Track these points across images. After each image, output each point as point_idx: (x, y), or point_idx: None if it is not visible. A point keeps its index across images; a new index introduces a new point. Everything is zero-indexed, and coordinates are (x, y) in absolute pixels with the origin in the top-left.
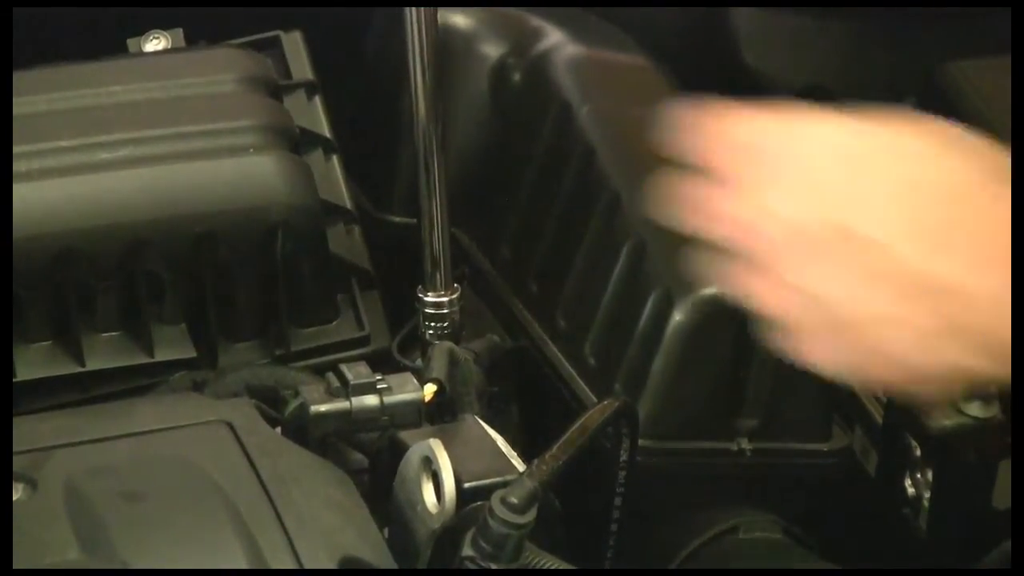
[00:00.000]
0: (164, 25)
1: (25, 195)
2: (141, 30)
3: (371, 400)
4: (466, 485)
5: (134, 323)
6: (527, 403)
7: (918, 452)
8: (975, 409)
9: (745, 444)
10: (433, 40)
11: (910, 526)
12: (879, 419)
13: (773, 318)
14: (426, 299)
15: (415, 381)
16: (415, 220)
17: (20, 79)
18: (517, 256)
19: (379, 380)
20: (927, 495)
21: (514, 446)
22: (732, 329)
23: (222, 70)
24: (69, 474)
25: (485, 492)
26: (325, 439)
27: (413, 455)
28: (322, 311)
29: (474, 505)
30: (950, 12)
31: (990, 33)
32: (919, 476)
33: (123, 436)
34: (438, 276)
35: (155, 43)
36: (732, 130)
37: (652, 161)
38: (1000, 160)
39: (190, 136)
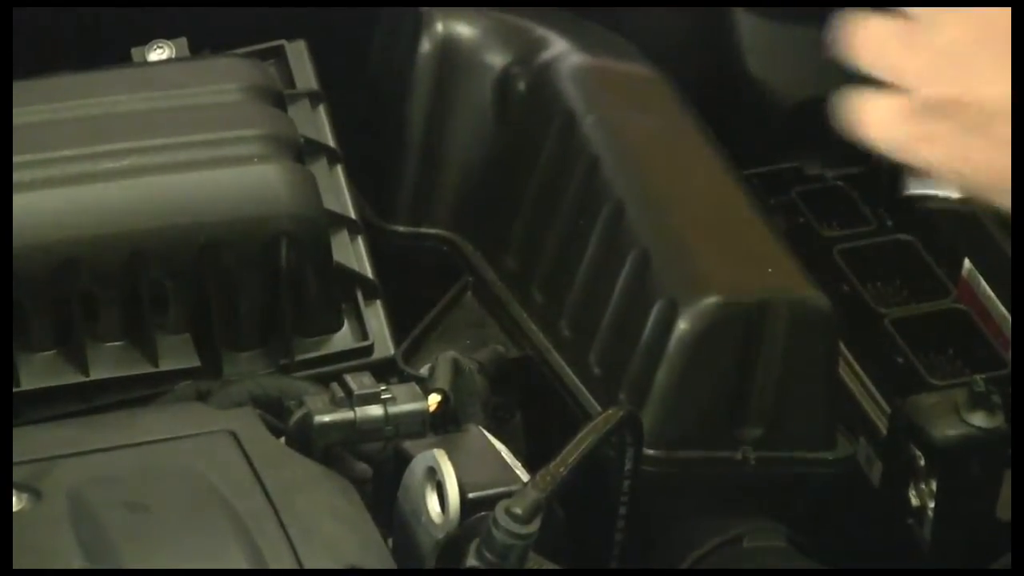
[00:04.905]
0: (168, 34)
1: (29, 204)
2: (145, 39)
3: (375, 410)
4: (470, 495)
5: (138, 333)
6: (531, 413)
7: (922, 462)
8: (979, 419)
9: (749, 453)
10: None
11: (914, 536)
12: (883, 429)
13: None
14: None
15: (419, 391)
16: (419, 229)
17: (24, 89)
18: (521, 265)
19: (383, 390)
20: (931, 505)
21: (518, 456)
22: (737, 338)
23: (226, 79)
24: (73, 484)
25: (489, 502)
26: (329, 449)
27: (417, 465)
28: (326, 321)
29: (478, 515)
30: None
31: None
32: (923, 486)
33: (127, 446)
34: None
35: (159, 52)
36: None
37: (656, 170)
38: None
39: (194, 146)
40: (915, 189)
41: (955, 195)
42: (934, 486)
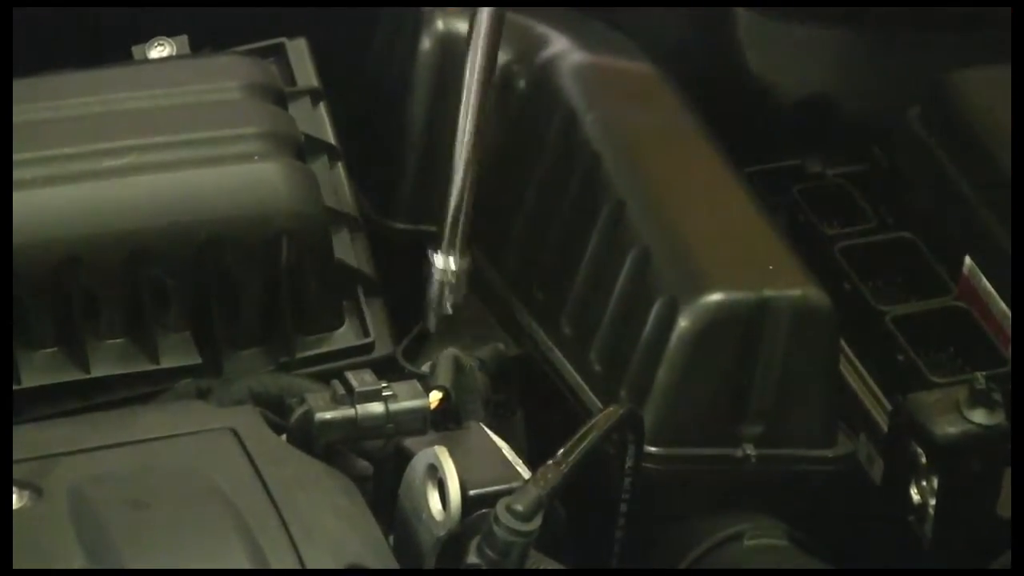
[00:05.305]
0: (169, 32)
1: (30, 202)
2: (146, 37)
3: (376, 407)
4: (471, 492)
5: (139, 330)
6: (532, 410)
7: (923, 460)
8: (980, 417)
9: (750, 450)
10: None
11: (915, 533)
12: (884, 426)
13: None
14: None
15: (420, 388)
16: (420, 227)
17: (26, 86)
18: (522, 263)
19: (384, 387)
20: (932, 502)
21: (519, 453)
22: (737, 336)
23: (227, 77)
24: (74, 481)
25: (490, 499)
26: (330, 446)
27: (418, 462)
28: (327, 318)
29: (479, 513)
30: (954, 22)
31: (993, 43)
32: (924, 483)
33: (128, 444)
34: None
35: (160, 50)
36: None
37: (657, 168)
38: None
39: (195, 143)
40: None
41: None
42: (935, 483)
